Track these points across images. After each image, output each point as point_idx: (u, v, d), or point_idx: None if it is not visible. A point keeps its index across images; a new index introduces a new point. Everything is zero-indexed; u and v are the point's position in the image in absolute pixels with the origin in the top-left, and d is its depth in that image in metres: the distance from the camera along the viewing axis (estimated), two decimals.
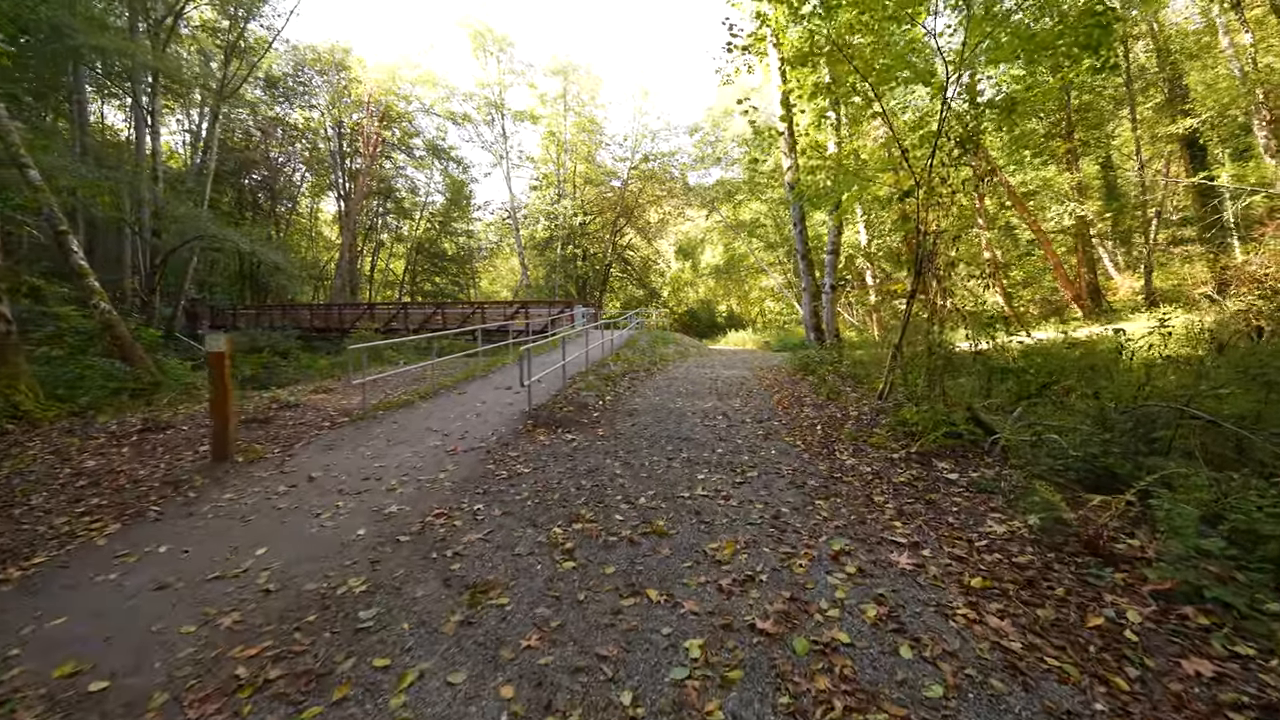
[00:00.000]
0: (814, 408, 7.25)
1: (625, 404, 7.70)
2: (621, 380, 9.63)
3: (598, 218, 31.94)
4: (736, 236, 30.10)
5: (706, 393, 8.54)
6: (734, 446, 5.46)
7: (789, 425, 6.33)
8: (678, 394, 8.48)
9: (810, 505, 3.89)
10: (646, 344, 15.70)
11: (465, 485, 4.28)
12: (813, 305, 11.81)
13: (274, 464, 4.96)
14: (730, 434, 5.96)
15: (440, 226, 34.87)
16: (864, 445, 5.42)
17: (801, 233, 11.87)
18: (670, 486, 4.27)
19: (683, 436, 5.84)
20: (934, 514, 3.77)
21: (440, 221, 34.50)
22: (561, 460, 5.00)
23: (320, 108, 33.19)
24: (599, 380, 9.20)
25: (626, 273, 34.19)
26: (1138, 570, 3.00)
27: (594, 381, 9.02)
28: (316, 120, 33.28)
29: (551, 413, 6.81)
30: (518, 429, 6.14)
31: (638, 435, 5.94)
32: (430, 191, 34.99)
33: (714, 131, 29.20)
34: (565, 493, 4.13)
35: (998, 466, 4.62)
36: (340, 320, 24.34)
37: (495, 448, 5.40)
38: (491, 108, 29.91)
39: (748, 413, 7.04)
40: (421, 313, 22.93)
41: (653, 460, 4.98)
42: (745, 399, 8.02)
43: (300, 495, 4.14)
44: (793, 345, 18.34)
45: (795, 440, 5.68)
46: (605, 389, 8.60)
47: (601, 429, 6.23)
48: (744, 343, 22.50)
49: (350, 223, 31.72)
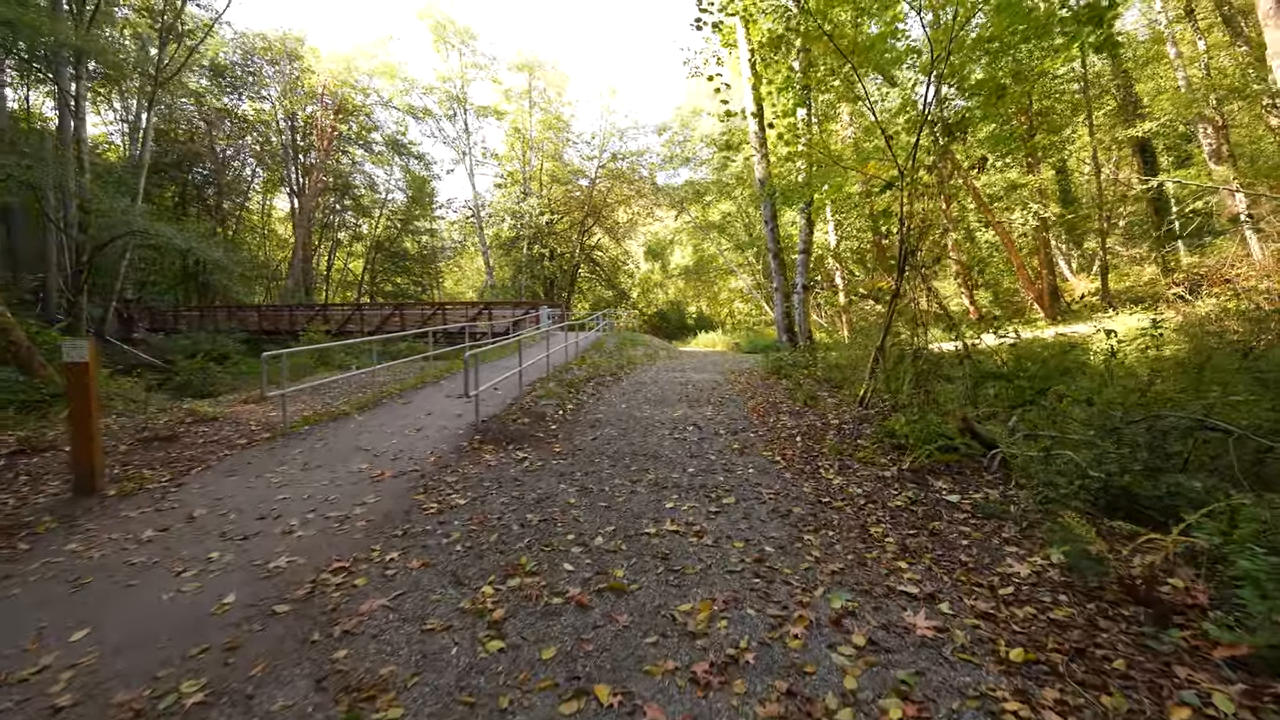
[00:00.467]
0: (791, 415, 6.66)
1: (588, 414, 6.96)
2: (585, 386, 8.88)
3: (565, 217, 31.04)
4: (706, 237, 29.66)
5: (676, 399, 7.87)
6: (707, 464, 4.79)
7: (766, 437, 5.70)
8: (645, 401, 7.79)
9: (799, 541, 3.24)
10: (614, 346, 14.98)
11: (383, 525, 3.48)
12: (785, 306, 11.31)
13: (153, 497, 4.04)
14: (703, 448, 5.29)
15: (401, 225, 33.37)
16: (850, 460, 4.82)
17: (773, 231, 11.36)
18: (633, 519, 3.56)
19: (649, 453, 5.14)
20: (942, 549, 3.17)
21: (401, 220, 33.01)
22: (507, 486, 4.23)
23: (271, 99, 31.37)
24: (560, 387, 8.44)
25: (595, 273, 33.38)
26: (1195, 624, 2.44)
27: (555, 388, 8.25)
28: (268, 112, 31.42)
29: (504, 425, 6.02)
30: (462, 446, 5.34)
31: (599, 452, 5.21)
32: (391, 189, 33.48)
33: (682, 131, 28.69)
34: (506, 531, 3.38)
35: (1001, 485, 4.08)
36: (291, 322, 22.84)
37: (431, 471, 4.59)
38: (453, 102, 28.68)
39: (721, 422, 6.39)
40: (379, 314, 21.66)
41: (614, 484, 4.26)
42: (718, 406, 7.39)
43: (168, 543, 3.27)
44: (764, 347, 17.91)
45: (774, 455, 5.05)
46: (567, 396, 7.85)
47: (559, 444, 5.48)
48: (714, 344, 22.00)
49: (304, 220, 30.00)
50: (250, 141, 32.34)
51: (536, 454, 5.14)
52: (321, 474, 4.56)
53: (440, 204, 33.63)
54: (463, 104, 28.68)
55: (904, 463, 4.57)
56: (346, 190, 32.79)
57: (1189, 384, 4.81)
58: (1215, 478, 3.66)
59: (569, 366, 10.67)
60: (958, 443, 4.54)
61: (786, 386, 8.79)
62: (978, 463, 4.52)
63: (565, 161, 30.87)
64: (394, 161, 31.61)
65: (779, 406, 7.28)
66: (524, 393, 7.93)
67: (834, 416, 6.40)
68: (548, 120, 29.61)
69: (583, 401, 7.71)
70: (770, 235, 11.45)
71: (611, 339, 16.31)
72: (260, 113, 31.84)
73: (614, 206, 30.84)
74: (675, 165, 28.62)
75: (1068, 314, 17.33)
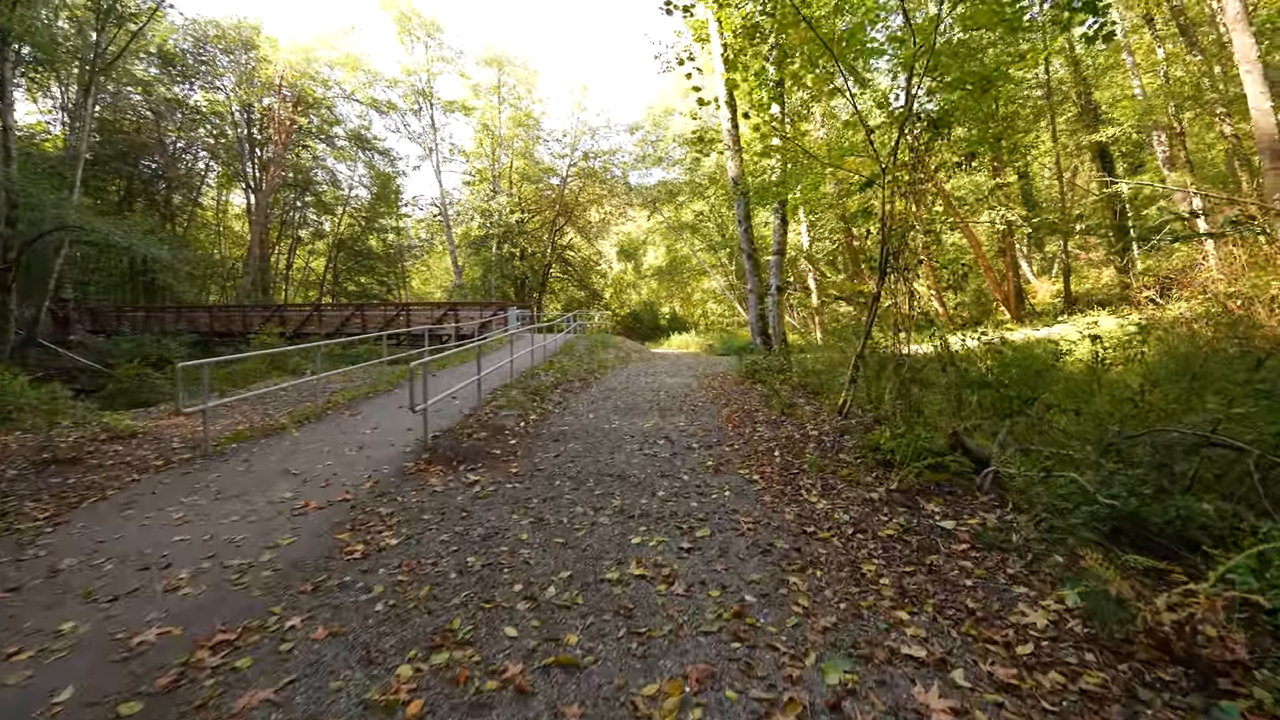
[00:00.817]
0: (768, 425, 6.24)
1: (552, 425, 6.42)
2: (552, 394, 8.33)
3: (536, 216, 30.29)
4: (679, 237, 29.32)
5: (648, 407, 7.39)
6: (679, 486, 4.31)
7: (743, 451, 5.27)
8: (615, 410, 7.28)
9: (783, 586, 2.79)
10: (585, 349, 14.43)
11: (291, 576, 2.89)
12: (759, 308, 10.97)
13: (15, 544, 3.35)
14: (675, 466, 4.82)
15: (365, 222, 32.08)
16: (833, 479, 4.41)
17: (747, 231, 11.00)
18: (594, 561, 3.06)
19: (616, 473, 4.64)
20: (945, 591, 2.77)
21: (365, 217, 31.72)
22: (451, 518, 3.68)
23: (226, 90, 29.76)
24: (525, 395, 7.87)
25: (567, 274, 32.70)
26: (1244, 687, 2.08)
27: (518, 397, 7.67)
28: (222, 104, 29.79)
29: (456, 442, 5.44)
30: (406, 468, 4.74)
31: (561, 472, 4.69)
32: (354, 185, 32.14)
33: (655, 131, 28.25)
34: (441, 582, 2.83)
35: (997, 509, 3.71)
36: (245, 323, 21.55)
37: (365, 501, 3.99)
38: (419, 96, 27.63)
39: (694, 434, 5.93)
40: (339, 315, 20.59)
41: (575, 513, 3.75)
42: (691, 415, 6.93)
43: (12, 610, 2.62)
44: (737, 348, 17.59)
45: (751, 473, 4.61)
46: (531, 406, 7.28)
47: (517, 463, 4.93)
48: (687, 345, 21.64)
49: (261, 216, 28.51)
50: (204, 134, 30.66)
51: (490, 475, 4.58)
52: (236, 506, 3.92)
53: (406, 201, 32.44)
54: (429, 98, 27.64)
55: (891, 482, 4.18)
56: (307, 186, 31.35)
57: (1180, 394, 4.55)
58: (1226, 500, 3.36)
59: (535, 372, 10.10)
60: (948, 460, 4.17)
61: (762, 392, 8.40)
62: (969, 481, 4.16)
63: (536, 159, 30.11)
64: (357, 157, 30.34)
65: (755, 415, 6.87)
66: (483, 402, 7.34)
67: (813, 427, 6.00)
68: (518, 117, 28.81)
69: (548, 411, 7.16)
70: (744, 235, 11.09)
71: (583, 341, 15.76)
72: (215, 104, 30.20)
73: (586, 206, 30.23)
74: (648, 165, 28.20)
75: (1032, 316, 17.51)
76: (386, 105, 27.92)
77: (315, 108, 29.45)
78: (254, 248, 28.13)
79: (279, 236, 31.70)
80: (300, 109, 28.87)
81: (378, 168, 30.65)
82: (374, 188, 31.81)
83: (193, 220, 32.20)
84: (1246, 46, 7.59)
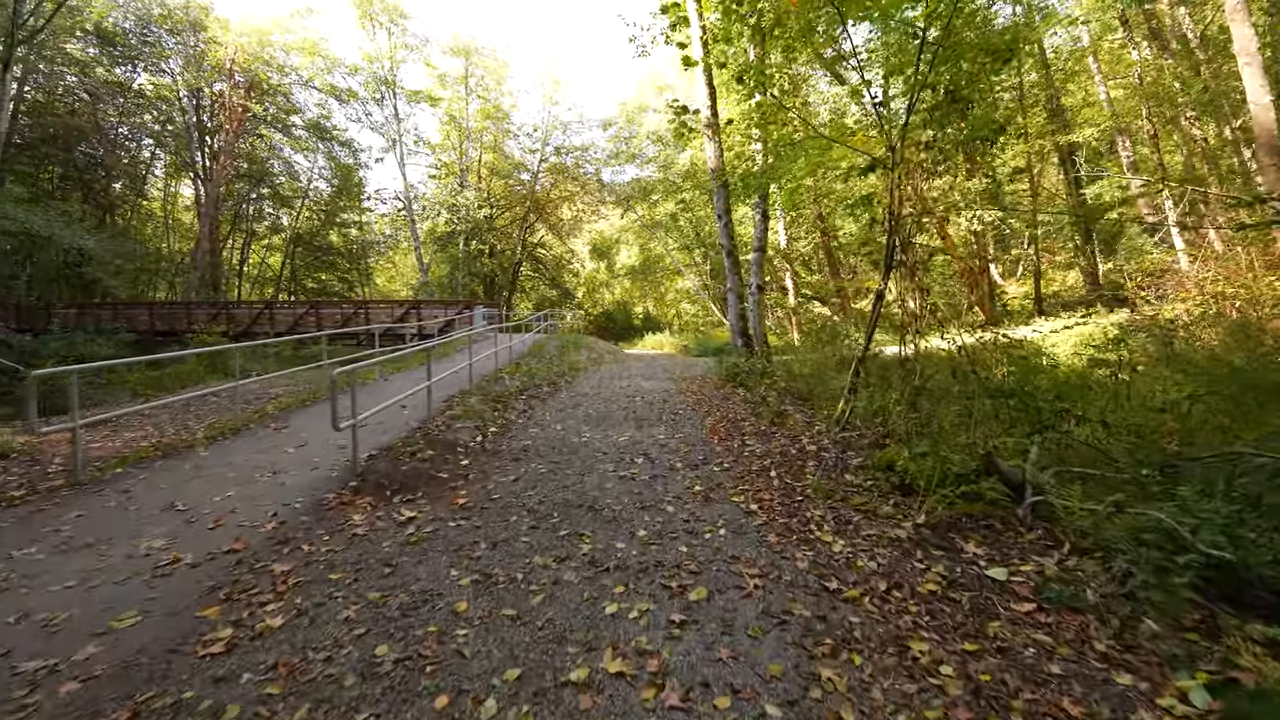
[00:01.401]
0: (758, 438, 5.49)
1: (513, 440, 5.53)
2: (516, 401, 7.42)
3: (506, 212, 29.10)
4: (653, 236, 28.58)
5: (623, 417, 6.56)
6: (664, 521, 3.50)
7: (734, 471, 4.49)
8: (586, 419, 6.43)
9: (814, 685, 2.00)
10: (555, 350, 13.51)
11: (105, 693, 1.95)
12: (739, 308, 10.26)
13: None
14: (657, 493, 4.00)
15: (325, 216, 30.30)
16: (845, 509, 3.67)
17: (726, 226, 10.27)
18: (553, 646, 2.22)
19: (587, 503, 3.80)
20: (1029, 684, 2.02)
21: (325, 211, 29.96)
22: (368, 579, 2.78)
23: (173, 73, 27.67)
24: (485, 403, 6.94)
25: (539, 272, 31.57)
26: None
27: (477, 405, 6.74)
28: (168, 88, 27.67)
29: (395, 463, 4.50)
30: (324, 500, 3.80)
31: (519, 503, 3.82)
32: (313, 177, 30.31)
33: (628, 127, 27.42)
34: (329, 698, 1.94)
35: (1052, 550, 3.02)
36: (189, 321, 19.85)
37: (259, 552, 3.05)
38: (382, 85, 26.09)
39: (676, 450, 5.13)
40: (292, 313, 19.11)
41: (532, 567, 2.90)
42: (671, 425, 6.14)
43: None
44: (714, 349, 16.93)
45: (748, 500, 3.84)
46: (491, 416, 6.37)
47: (466, 491, 4.04)
48: (662, 346, 20.90)
49: (210, 208, 26.55)
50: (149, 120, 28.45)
51: (430, 510, 3.68)
52: (81, 561, 2.93)
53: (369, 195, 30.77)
54: (392, 87, 26.13)
55: (917, 514, 3.46)
56: (263, 178, 29.40)
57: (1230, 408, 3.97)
58: None
59: (500, 375, 9.15)
60: (982, 486, 3.47)
61: (746, 398, 7.67)
62: (1005, 511, 3.47)
63: (506, 154, 28.89)
64: (317, 148, 28.58)
65: (742, 425, 6.12)
66: (436, 412, 6.39)
67: (809, 440, 5.28)
68: (487, 110, 27.55)
69: (510, 423, 6.26)
70: (723, 231, 10.35)
71: (553, 342, 14.81)
72: (160, 88, 28.07)
73: (558, 203, 29.19)
74: (621, 161, 27.33)
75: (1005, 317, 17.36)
76: (347, 93, 26.28)
77: (271, 95, 27.61)
78: (203, 241, 26.16)
79: (231, 230, 29.69)
80: (254, 95, 27.01)
81: (339, 159, 28.95)
82: (335, 180, 30.06)
83: (136, 211, 29.87)
84: (1246, 38, 7.22)
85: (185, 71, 26.74)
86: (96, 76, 26.06)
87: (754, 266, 10.77)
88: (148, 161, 30.16)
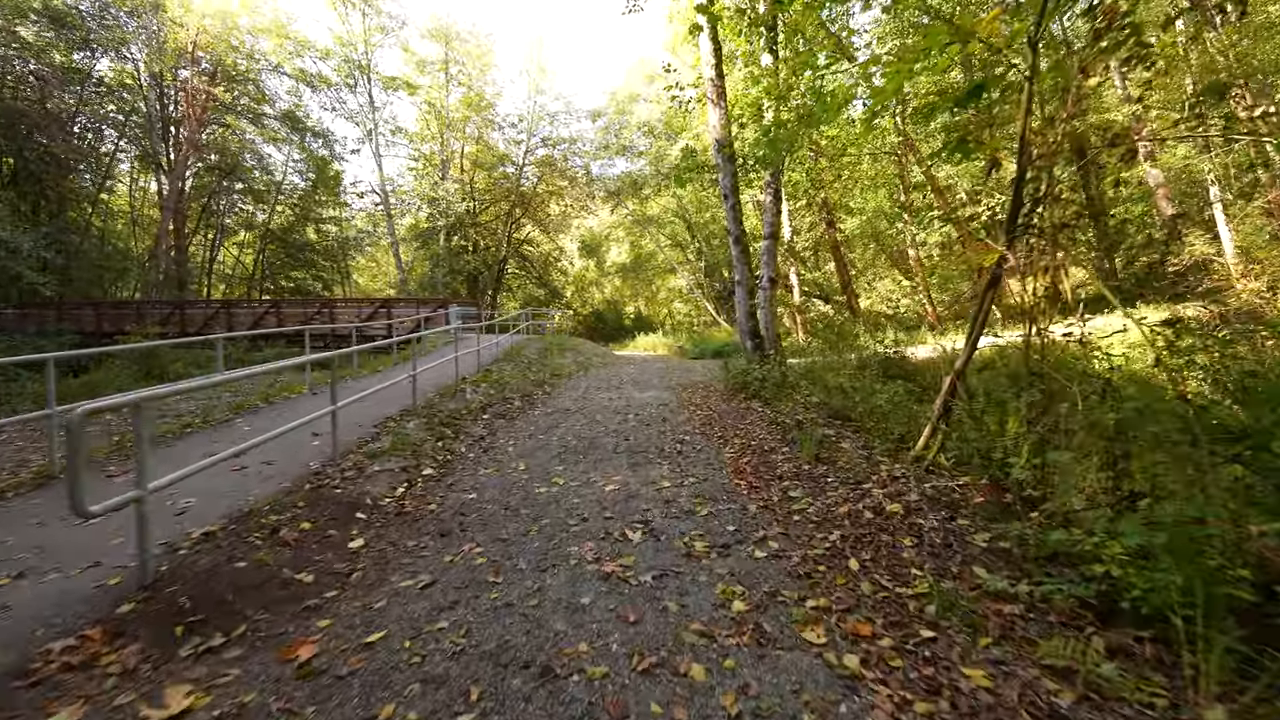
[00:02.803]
0: (804, 484, 3.73)
1: (452, 491, 3.72)
2: (473, 423, 5.60)
3: (491, 207, 27.14)
4: (644, 232, 26.80)
5: (611, 447, 4.76)
6: (696, 713, 1.71)
7: (789, 558, 2.70)
8: (562, 452, 4.62)
9: None
10: (536, 354, 11.68)
11: None
12: (749, 304, 8.50)
13: None
14: (669, 621, 2.20)
15: (300, 211, 28.13)
16: (1020, 664, 1.91)
17: (734, 208, 8.50)
18: None
19: (541, 659, 2.00)
20: None
21: (298, 206, 27.80)
22: None
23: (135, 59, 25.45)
24: (428, 428, 5.11)
25: (525, 270, 29.62)
26: None
27: (415, 433, 4.91)
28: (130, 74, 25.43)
29: (232, 554, 2.66)
30: (47, 654, 1.97)
31: (409, 660, 2.01)
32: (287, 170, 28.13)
33: (619, 118, 25.57)
34: None
35: None
36: (140, 321, 17.77)
37: None
38: (356, 70, 24.00)
39: (692, 510, 3.35)
40: (251, 313, 17.08)
41: None
42: (678, 461, 4.35)
43: None
44: (713, 351, 15.21)
45: (834, 642, 2.06)
46: (431, 449, 4.54)
47: (325, 624, 2.22)
48: (655, 348, 19.12)
49: (172, 201, 24.34)
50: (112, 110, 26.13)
51: (239, 676, 1.87)
52: None
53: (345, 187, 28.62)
54: (366, 72, 24.04)
55: (1186, 689, 1.71)
56: (233, 170, 27.16)
57: None
58: None
59: (461, 387, 7.32)
60: None
61: (768, 415, 5.92)
62: None
63: (490, 145, 26.92)
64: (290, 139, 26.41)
65: (773, 459, 4.35)
66: (355, 444, 4.54)
67: (879, 488, 3.52)
68: (468, 98, 25.55)
69: (455, 459, 4.44)
70: (730, 214, 8.59)
71: (534, 344, 12.96)
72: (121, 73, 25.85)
73: (546, 198, 27.28)
74: (611, 153, 25.51)
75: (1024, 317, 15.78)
76: (319, 79, 24.14)
77: (240, 83, 25.41)
78: (164, 237, 23.97)
79: (198, 225, 27.45)
80: (220, 81, 24.82)
81: (313, 151, 26.79)
82: (310, 174, 27.91)
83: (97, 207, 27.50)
84: None
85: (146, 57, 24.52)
86: (49, 61, 23.77)
87: (765, 256, 9.02)
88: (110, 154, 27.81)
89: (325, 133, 26.61)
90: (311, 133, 26.34)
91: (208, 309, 17.48)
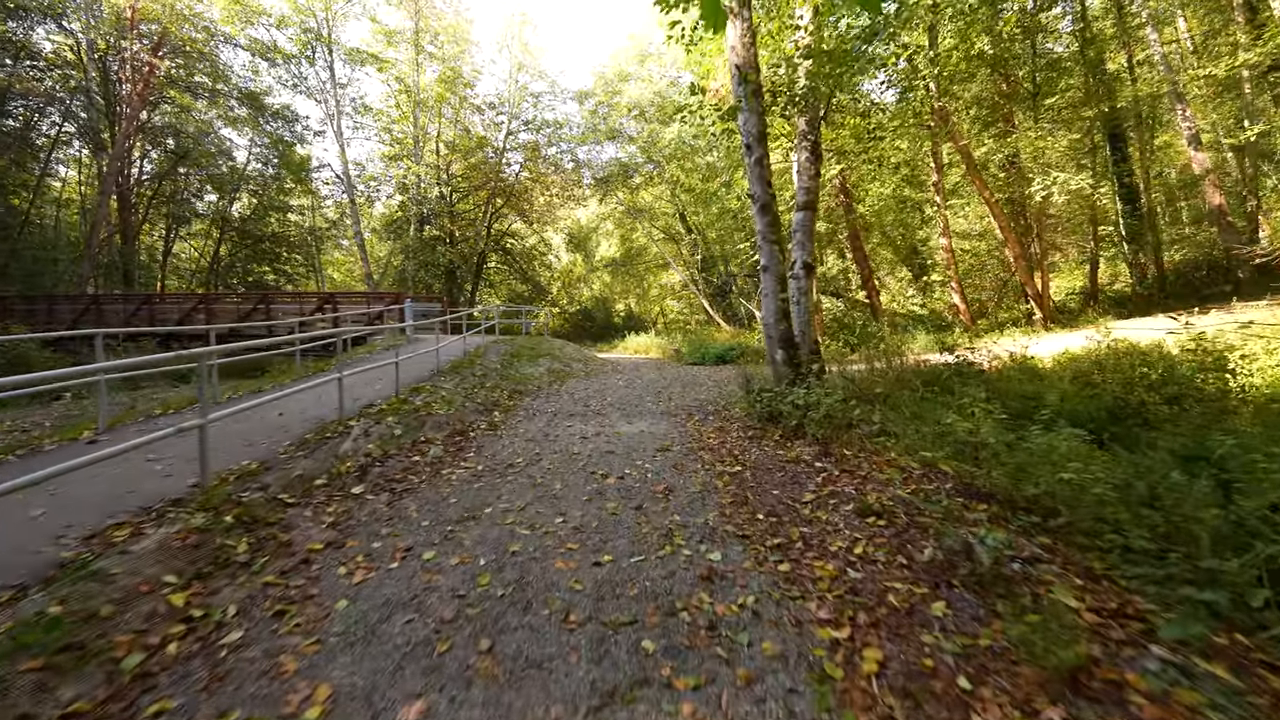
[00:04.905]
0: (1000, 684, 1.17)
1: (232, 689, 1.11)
2: (302, 522, 2.97)
3: (469, 196, 24.33)
4: (635, 224, 24.20)
5: (579, 544, 2.17)
6: None
7: None
8: (435, 631, 2.02)
9: None
10: (498, 360, 9.03)
11: None
12: (779, 299, 5.90)
13: None
14: None
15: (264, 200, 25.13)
16: None
17: (759, 162, 5.84)
18: None
19: None
20: None
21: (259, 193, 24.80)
22: None
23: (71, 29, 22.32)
24: (216, 522, 2.48)
25: (508, 264, 26.83)
26: None
27: (260, 506, 2.28)
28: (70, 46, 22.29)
29: None
30: None
31: None
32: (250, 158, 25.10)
33: (607, 100, 22.85)
34: None
35: None
36: (50, 319, 14.87)
37: None
38: (315, 40, 21.02)
39: None
40: (177, 309, 14.25)
41: None
42: (712, 665, 1.76)
43: None
44: (715, 356, 12.65)
45: None
46: (271, 551, 1.93)
47: None
48: (647, 349, 16.53)
49: (112, 184, 21.28)
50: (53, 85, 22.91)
51: None
52: None
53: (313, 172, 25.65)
54: (327, 43, 21.08)
55: None
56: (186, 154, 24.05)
57: None
58: None
59: (348, 424, 4.67)
60: None
61: (845, 483, 3.38)
62: None
63: (467, 125, 24.05)
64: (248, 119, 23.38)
65: (913, 624, 1.79)
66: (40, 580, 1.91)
67: None
68: (444, 75, 22.68)
69: (282, 588, 1.83)
70: (753, 171, 5.94)
71: (499, 347, 10.28)
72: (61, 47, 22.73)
73: (529, 187, 24.51)
74: (600, 138, 22.82)
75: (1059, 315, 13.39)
76: (275, 50, 21.11)
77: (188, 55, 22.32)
78: (101, 224, 20.91)
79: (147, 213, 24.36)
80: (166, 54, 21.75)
81: (274, 133, 23.78)
82: (273, 158, 24.90)
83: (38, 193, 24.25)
84: None
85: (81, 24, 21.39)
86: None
87: (799, 234, 6.46)
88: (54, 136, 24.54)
89: (287, 112, 23.62)
90: (271, 113, 23.34)
91: (127, 304, 14.58)
